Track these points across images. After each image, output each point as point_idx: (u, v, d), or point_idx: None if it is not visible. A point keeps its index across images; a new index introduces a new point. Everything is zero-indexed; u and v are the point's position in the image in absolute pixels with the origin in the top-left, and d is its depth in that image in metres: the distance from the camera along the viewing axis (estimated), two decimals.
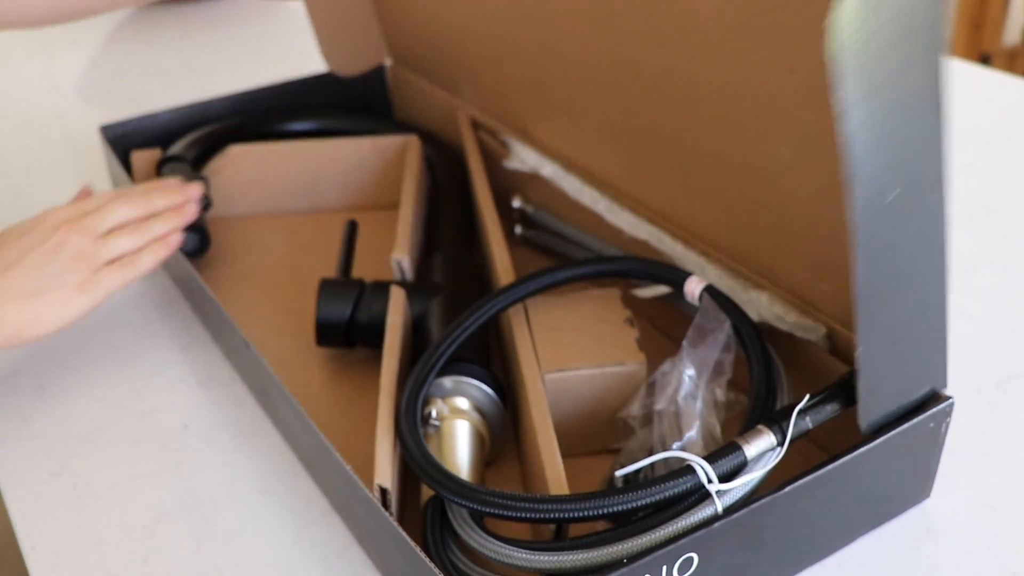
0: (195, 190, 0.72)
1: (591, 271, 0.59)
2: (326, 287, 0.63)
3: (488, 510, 0.44)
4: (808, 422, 0.46)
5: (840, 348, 0.53)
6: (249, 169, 0.83)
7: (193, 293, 0.70)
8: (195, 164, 0.83)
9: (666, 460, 0.48)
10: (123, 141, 0.85)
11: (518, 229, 0.77)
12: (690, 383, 0.49)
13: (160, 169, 0.81)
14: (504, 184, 0.78)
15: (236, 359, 0.66)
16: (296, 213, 0.85)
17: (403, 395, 0.51)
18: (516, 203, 0.77)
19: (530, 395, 0.53)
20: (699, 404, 0.49)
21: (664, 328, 0.67)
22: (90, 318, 0.70)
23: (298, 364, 0.66)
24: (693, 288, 0.54)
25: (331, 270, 0.67)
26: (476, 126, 0.83)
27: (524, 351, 0.56)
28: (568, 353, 0.56)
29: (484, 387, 0.55)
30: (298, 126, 0.89)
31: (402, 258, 0.65)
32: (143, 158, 0.84)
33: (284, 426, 0.60)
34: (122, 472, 0.59)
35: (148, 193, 0.69)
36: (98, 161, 0.94)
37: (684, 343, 0.50)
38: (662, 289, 0.61)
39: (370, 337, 0.63)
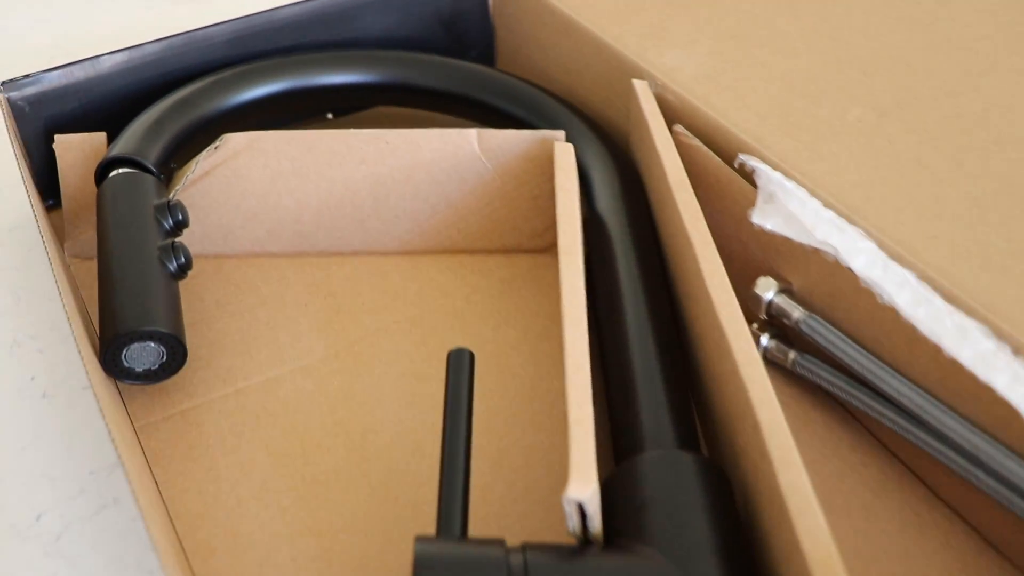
0: None
1: None
2: None
3: None
4: None
5: None
6: (260, 178, 0.46)
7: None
8: (161, 167, 0.46)
9: None
10: (38, 113, 0.48)
11: (764, 340, 0.41)
12: None
13: (101, 178, 0.45)
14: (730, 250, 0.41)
15: None
16: (339, 253, 0.48)
17: None
18: (767, 293, 0.40)
19: None
20: None
21: None
22: None
23: None
24: None
25: (415, 399, 0.31)
26: (669, 116, 0.45)
27: None
28: None
29: None
30: (341, 79, 0.51)
31: (586, 498, 0.30)
32: (73, 149, 0.47)
33: None
34: None
35: None
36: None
37: None
38: None
39: None
